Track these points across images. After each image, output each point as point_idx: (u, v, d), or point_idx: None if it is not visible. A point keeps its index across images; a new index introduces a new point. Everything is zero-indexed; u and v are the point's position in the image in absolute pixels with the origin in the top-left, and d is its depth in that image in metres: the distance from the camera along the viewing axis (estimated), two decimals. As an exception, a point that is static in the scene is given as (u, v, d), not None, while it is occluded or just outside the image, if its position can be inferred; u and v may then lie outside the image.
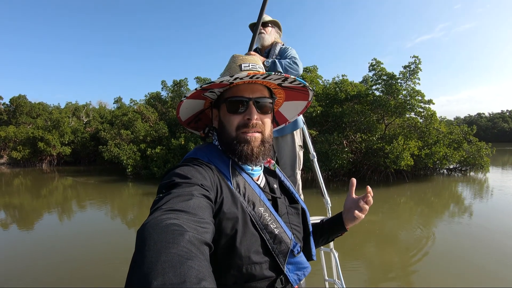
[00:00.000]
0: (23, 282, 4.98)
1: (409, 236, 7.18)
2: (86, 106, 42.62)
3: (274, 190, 1.08)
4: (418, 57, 14.41)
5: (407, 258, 5.83)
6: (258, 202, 0.94)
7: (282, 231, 0.94)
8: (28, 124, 36.02)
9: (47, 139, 28.98)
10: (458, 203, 10.71)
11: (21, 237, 7.60)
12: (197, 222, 0.66)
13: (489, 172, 17.08)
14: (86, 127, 34.13)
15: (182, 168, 0.85)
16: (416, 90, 14.62)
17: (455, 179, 16.00)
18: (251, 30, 2.92)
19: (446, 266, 5.30)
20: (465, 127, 17.07)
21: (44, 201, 12.85)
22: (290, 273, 0.94)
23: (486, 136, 79.39)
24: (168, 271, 0.48)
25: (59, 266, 5.66)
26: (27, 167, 30.60)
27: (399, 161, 12.84)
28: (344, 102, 16.23)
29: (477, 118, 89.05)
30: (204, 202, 0.75)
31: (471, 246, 6.33)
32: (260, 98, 1.01)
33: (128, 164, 18.50)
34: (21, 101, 38.40)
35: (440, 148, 14.14)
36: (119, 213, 10.31)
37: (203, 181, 0.82)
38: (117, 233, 8.00)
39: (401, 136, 14.15)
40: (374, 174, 14.74)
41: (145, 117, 22.18)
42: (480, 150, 16.33)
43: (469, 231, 7.33)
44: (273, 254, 0.91)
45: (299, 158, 2.87)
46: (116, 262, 5.72)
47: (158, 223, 0.60)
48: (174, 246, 0.53)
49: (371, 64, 15.64)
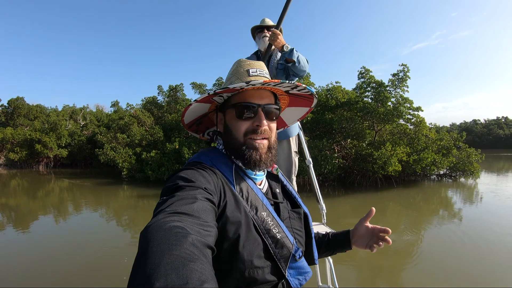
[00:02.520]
0: (17, 282, 5.05)
1: (398, 239, 7.30)
2: (83, 109, 42.92)
3: (276, 195, 1.10)
4: (406, 65, 14.78)
5: (397, 261, 5.90)
6: (261, 206, 0.95)
7: (284, 235, 0.95)
8: (25, 126, 36.20)
9: (44, 141, 29.23)
10: (447, 207, 10.89)
11: (16, 237, 7.73)
12: (200, 225, 0.66)
13: (479, 178, 17.26)
14: (83, 130, 34.41)
15: (186, 172, 0.86)
16: (404, 98, 14.97)
17: (445, 184, 16.19)
18: (252, 34, 2.99)
19: (436, 269, 5.36)
20: (454, 133, 17.38)
21: (40, 203, 13.00)
22: (292, 277, 0.95)
23: (482, 142, 79.74)
24: (171, 273, 0.48)
25: (55, 265, 5.79)
26: (24, 168, 30.80)
27: (387, 166, 13.15)
28: (334, 109, 16.56)
29: (472, 124, 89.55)
30: (207, 205, 0.76)
31: (460, 249, 6.45)
32: (269, 105, 1.02)
33: (123, 167, 18.77)
34: (19, 103, 38.53)
35: (428, 154, 14.41)
36: (114, 215, 10.50)
37: (206, 185, 0.83)
38: (111, 233, 8.20)
39: (388, 142, 14.46)
40: (363, 179, 15.01)
41: (141, 121, 22.46)
42: (470, 156, 16.60)
43: (457, 235, 7.43)
44: (275, 258, 0.92)
45: (294, 164, 2.86)
46: (110, 261, 5.91)
47: (162, 225, 0.61)
48: (177, 248, 0.54)
49: (360, 72, 16.00)
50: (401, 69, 14.90)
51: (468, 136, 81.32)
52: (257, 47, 2.99)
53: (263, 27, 2.86)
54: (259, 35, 2.88)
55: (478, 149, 17.49)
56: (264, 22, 2.87)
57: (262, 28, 2.87)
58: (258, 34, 2.90)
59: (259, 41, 2.88)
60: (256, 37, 2.94)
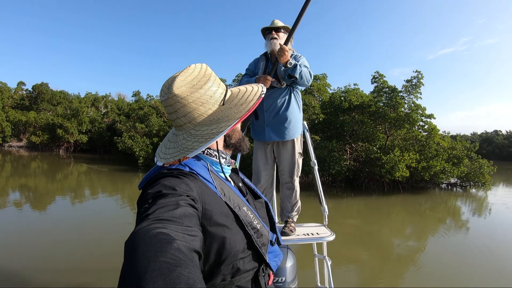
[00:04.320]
0: (33, 262, 5.13)
1: (402, 244, 7.34)
2: (105, 98, 44.03)
3: (241, 189, 1.14)
4: (420, 72, 14.81)
5: (398, 267, 5.89)
6: (241, 202, 0.99)
7: (262, 225, 1.01)
8: (48, 111, 37.64)
9: (66, 126, 30.46)
10: (454, 217, 10.75)
11: (33, 217, 8.01)
12: (185, 230, 0.67)
13: (490, 189, 16.94)
14: (103, 117, 35.59)
15: (168, 179, 0.86)
16: (417, 104, 15.03)
17: (453, 194, 16.05)
18: (263, 34, 2.94)
19: (437, 276, 5.33)
20: (467, 143, 17.27)
21: (59, 185, 13.55)
22: (270, 260, 1.02)
23: (501, 154, 77.42)
24: (158, 279, 0.48)
25: (67, 245, 5.99)
26: (45, 151, 32.14)
27: (394, 171, 13.32)
28: (347, 111, 16.73)
29: (493, 135, 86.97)
30: (190, 210, 0.76)
31: (464, 257, 6.40)
32: None
33: (140, 156, 19.59)
34: (43, 89, 39.98)
35: (438, 162, 14.42)
36: (129, 200, 10.86)
37: (189, 192, 0.83)
38: (123, 216, 8.63)
39: (397, 147, 14.60)
40: (371, 182, 15.19)
41: (160, 112, 23.21)
42: (482, 167, 16.44)
43: (462, 245, 7.36)
44: (257, 247, 0.97)
45: (298, 166, 2.81)
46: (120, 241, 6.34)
47: (146, 233, 0.61)
48: (162, 255, 0.54)
49: (373, 76, 16.13)
50: (415, 75, 14.96)
51: (489, 147, 79.48)
52: (265, 48, 2.91)
53: (272, 28, 2.81)
54: (268, 36, 2.82)
55: (496, 160, 17.11)
56: (273, 24, 2.82)
57: (270, 29, 2.82)
58: (267, 35, 2.84)
59: (267, 43, 2.81)
60: (266, 37, 2.87)
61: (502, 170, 40.14)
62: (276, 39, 2.72)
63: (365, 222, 9.31)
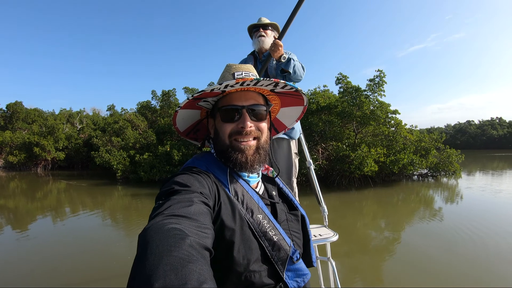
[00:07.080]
0: (16, 283, 5.06)
1: (376, 236, 7.47)
2: (80, 113, 43.52)
3: (273, 197, 1.09)
4: (382, 71, 15.58)
5: (376, 259, 5.92)
6: (257, 209, 0.95)
7: (281, 238, 0.95)
8: (24, 129, 36.87)
9: (43, 144, 29.97)
10: (427, 205, 11.14)
11: (15, 238, 7.83)
12: (198, 227, 0.67)
13: (461, 177, 17.79)
14: (79, 133, 35.21)
15: (181, 176, 0.86)
16: (381, 102, 15.76)
17: (425, 184, 16.57)
18: (249, 32, 2.85)
19: (415, 266, 5.38)
20: (434, 135, 18.10)
21: (39, 204, 13.34)
22: (290, 280, 0.95)
23: (475, 143, 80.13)
24: (170, 274, 0.49)
25: (52, 264, 5.90)
26: (23, 171, 31.34)
27: (363, 167, 13.91)
28: (315, 112, 17.27)
29: (466, 125, 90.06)
30: (204, 208, 0.76)
31: (439, 246, 6.44)
32: (254, 106, 1.01)
33: (118, 169, 19.65)
34: (17, 107, 39.15)
35: (405, 155, 15.08)
36: (110, 213, 10.92)
37: (202, 189, 0.83)
38: (106, 231, 8.64)
39: (364, 144, 15.25)
40: (342, 179, 15.75)
41: (135, 125, 23.33)
42: (450, 157, 17.24)
43: (436, 231, 7.52)
44: (272, 261, 0.91)
45: (295, 166, 2.75)
46: (104, 257, 6.13)
47: (160, 228, 0.61)
48: (176, 250, 0.54)
49: (337, 78, 16.78)
50: (378, 74, 15.71)
51: (462, 137, 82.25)
52: (253, 47, 2.83)
53: (259, 26, 2.73)
54: (255, 34, 2.74)
55: (471, 149, 17.84)
56: (261, 21, 2.74)
57: (258, 27, 2.74)
58: (254, 33, 2.76)
59: (255, 41, 2.73)
60: (253, 36, 2.79)
61: (477, 158, 41.53)
62: (264, 36, 2.69)
63: (339, 216, 9.62)
